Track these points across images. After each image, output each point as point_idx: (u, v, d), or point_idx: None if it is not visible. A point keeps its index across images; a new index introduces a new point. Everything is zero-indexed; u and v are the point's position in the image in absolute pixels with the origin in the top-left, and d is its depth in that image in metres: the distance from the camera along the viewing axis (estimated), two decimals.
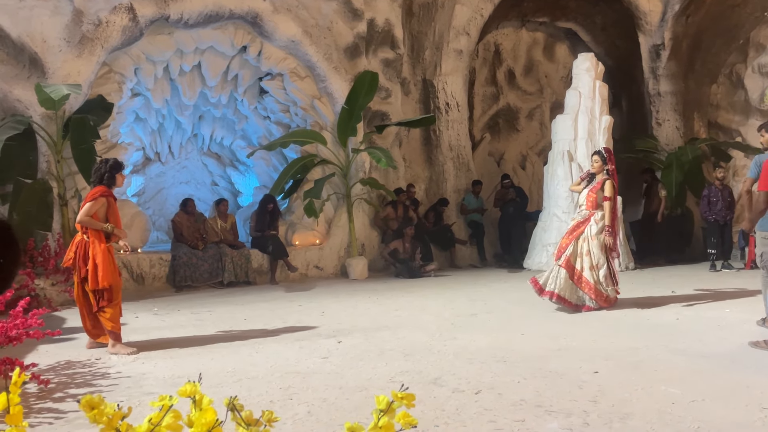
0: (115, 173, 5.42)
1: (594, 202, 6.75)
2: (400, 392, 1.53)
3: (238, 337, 5.58)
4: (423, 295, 8.18)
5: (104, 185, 5.37)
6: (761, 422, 3.11)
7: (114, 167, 5.42)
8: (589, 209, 6.78)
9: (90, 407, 1.36)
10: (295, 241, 10.75)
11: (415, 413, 2.11)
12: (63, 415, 3.47)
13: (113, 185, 5.44)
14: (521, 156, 14.87)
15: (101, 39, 8.65)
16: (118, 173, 5.45)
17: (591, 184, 6.90)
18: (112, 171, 5.40)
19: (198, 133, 12.41)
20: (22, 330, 4.21)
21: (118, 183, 5.49)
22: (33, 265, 7.65)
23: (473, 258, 12.28)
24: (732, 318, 6.05)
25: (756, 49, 13.25)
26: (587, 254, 6.61)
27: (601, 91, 11.21)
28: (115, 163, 5.48)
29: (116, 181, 5.45)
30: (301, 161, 10.85)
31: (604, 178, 6.80)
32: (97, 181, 5.41)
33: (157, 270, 9.17)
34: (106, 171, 5.39)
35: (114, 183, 5.44)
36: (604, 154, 6.94)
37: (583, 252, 6.63)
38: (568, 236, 6.79)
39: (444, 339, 5.28)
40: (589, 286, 6.54)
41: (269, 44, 10.42)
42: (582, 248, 6.65)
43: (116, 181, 5.44)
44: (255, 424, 1.51)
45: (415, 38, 12.76)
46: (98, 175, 5.42)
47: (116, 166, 5.45)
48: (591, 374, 4.05)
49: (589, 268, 6.57)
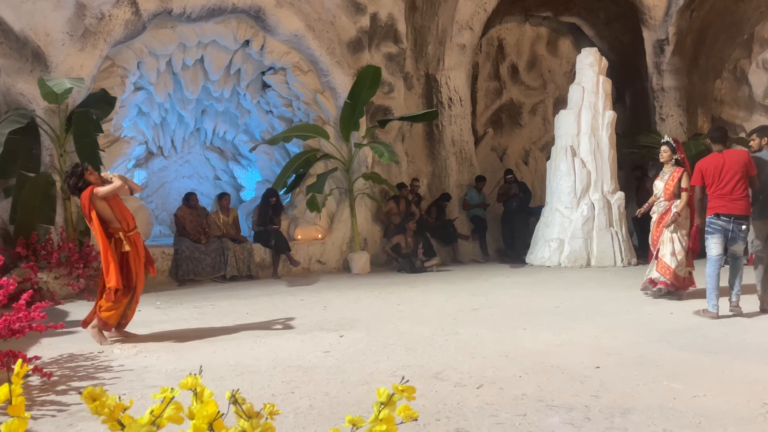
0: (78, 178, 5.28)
1: (671, 193, 7.06)
2: (400, 385, 1.53)
3: (240, 331, 5.59)
4: (425, 289, 8.18)
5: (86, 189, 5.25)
6: (762, 417, 3.11)
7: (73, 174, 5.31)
8: (668, 200, 7.10)
9: (92, 399, 1.37)
10: (297, 236, 10.76)
11: (416, 407, 2.11)
12: (66, 407, 3.48)
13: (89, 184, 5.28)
14: (524, 151, 14.85)
15: (104, 33, 8.64)
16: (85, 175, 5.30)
17: (665, 175, 7.18)
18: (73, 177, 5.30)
19: (201, 128, 12.41)
20: (25, 323, 4.22)
21: (92, 181, 5.32)
22: (36, 258, 7.66)
23: (475, 253, 12.28)
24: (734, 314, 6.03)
25: (760, 45, 13.20)
26: (670, 241, 7.00)
27: (605, 86, 11.18)
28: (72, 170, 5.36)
29: (90, 180, 5.30)
30: (303, 156, 10.85)
31: (680, 169, 7.06)
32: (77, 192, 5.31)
33: (159, 264, 9.19)
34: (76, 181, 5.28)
35: (88, 183, 5.29)
36: (673, 143, 7.20)
37: (666, 239, 7.03)
38: (656, 228, 7.19)
39: (446, 333, 5.29)
40: (669, 271, 6.95)
41: (272, 38, 10.40)
42: (665, 236, 7.05)
43: (88, 181, 5.29)
44: (256, 416, 1.51)
45: (418, 33, 12.73)
46: (72, 188, 5.34)
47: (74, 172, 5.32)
48: (593, 369, 4.05)
49: (670, 254, 6.97)
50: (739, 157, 6.04)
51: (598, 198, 10.70)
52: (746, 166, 5.95)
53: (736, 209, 5.93)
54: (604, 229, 10.56)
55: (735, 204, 5.92)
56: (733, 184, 5.91)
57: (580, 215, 10.63)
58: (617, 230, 10.63)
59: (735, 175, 5.92)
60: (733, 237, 5.97)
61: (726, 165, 5.98)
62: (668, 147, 7.13)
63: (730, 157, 6.04)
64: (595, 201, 10.68)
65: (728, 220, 5.93)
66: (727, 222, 5.94)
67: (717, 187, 5.99)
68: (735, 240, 5.99)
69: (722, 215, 5.95)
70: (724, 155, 6.09)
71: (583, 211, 10.61)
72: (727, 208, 5.93)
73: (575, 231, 10.58)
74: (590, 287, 8.08)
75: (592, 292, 7.60)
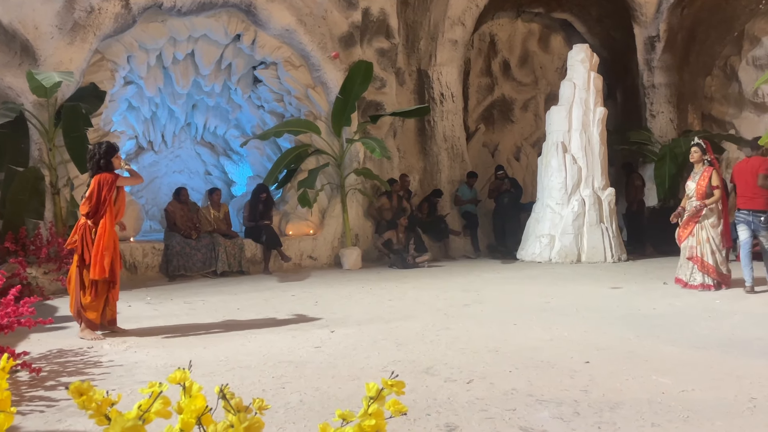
0: (110, 157, 5.30)
1: (703, 192, 7.30)
2: (390, 380, 1.53)
3: (231, 327, 5.57)
4: (416, 285, 8.19)
5: (103, 171, 5.26)
6: (750, 412, 3.14)
7: (108, 151, 5.29)
8: (699, 200, 7.33)
9: (79, 393, 1.36)
10: (288, 231, 10.74)
11: (406, 402, 2.11)
12: (55, 403, 3.46)
13: (111, 169, 5.33)
14: (516, 147, 14.88)
15: (93, 26, 8.57)
16: (114, 156, 5.33)
17: (696, 176, 7.42)
18: (107, 156, 5.29)
19: (191, 122, 12.35)
20: (13, 318, 4.19)
21: (116, 165, 5.37)
22: (25, 253, 7.61)
23: (467, 249, 12.30)
24: (722, 309, 6.09)
25: (750, 42, 13.27)
26: (707, 241, 7.29)
27: (596, 82, 11.21)
28: (109, 146, 5.34)
29: (113, 165, 5.34)
30: (295, 151, 10.81)
31: (710, 169, 7.34)
32: (95, 168, 5.29)
33: (150, 259, 9.16)
34: (101, 157, 5.27)
35: (111, 167, 5.32)
36: (703, 145, 7.48)
37: (703, 239, 7.30)
38: (684, 228, 7.43)
39: (437, 329, 5.30)
40: (711, 269, 7.25)
41: (263, 33, 10.36)
42: (701, 236, 7.32)
43: (113, 164, 5.33)
44: (245, 411, 1.50)
45: (410, 28, 12.71)
46: (94, 162, 5.30)
47: (110, 150, 5.31)
48: (582, 364, 4.07)
49: (710, 253, 7.26)
50: (756, 163, 7.37)
51: (588, 194, 10.74)
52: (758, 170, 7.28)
53: (754, 205, 7.22)
54: (594, 225, 10.61)
55: (753, 201, 7.25)
56: (752, 185, 7.26)
57: (570, 211, 10.67)
58: (608, 226, 10.67)
59: (752, 177, 7.27)
60: (755, 227, 7.21)
61: (747, 169, 7.39)
62: (699, 148, 7.45)
63: (751, 163, 7.43)
64: (585, 197, 10.72)
65: (747, 213, 7.25)
66: (747, 215, 7.25)
67: (740, 187, 7.39)
68: (758, 230, 7.21)
69: (743, 210, 7.32)
70: (749, 161, 7.52)
71: (574, 207, 10.65)
72: (746, 204, 7.28)
73: (566, 227, 10.62)
74: (580, 283, 8.12)
75: (583, 288, 7.64)
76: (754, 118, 13.19)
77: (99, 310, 5.24)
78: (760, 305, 6.27)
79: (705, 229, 7.31)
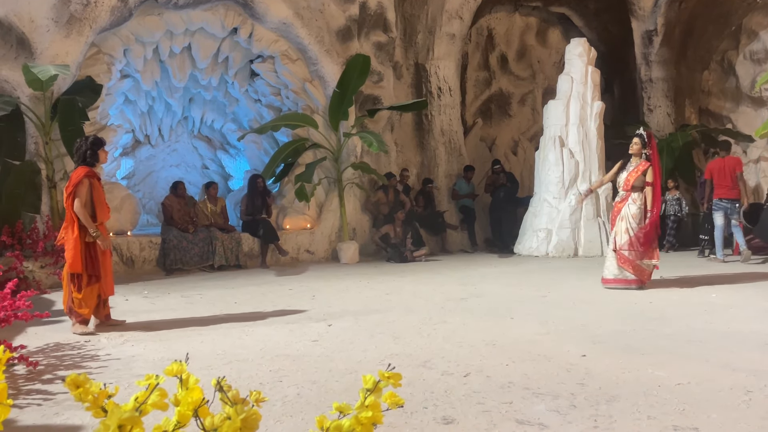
0: (97, 149, 5.28)
1: (631, 184, 6.99)
2: (386, 372, 1.54)
3: (228, 320, 5.57)
4: (413, 279, 8.20)
5: (87, 165, 5.26)
6: (745, 405, 3.15)
7: (95, 143, 5.28)
8: (626, 190, 7.04)
9: (75, 386, 1.36)
10: (286, 225, 10.74)
11: (404, 395, 2.12)
12: (52, 396, 3.46)
13: (96, 162, 5.32)
14: (513, 141, 14.87)
15: (90, 19, 8.53)
16: (100, 149, 5.31)
17: (630, 167, 7.10)
18: (93, 147, 5.27)
19: (188, 116, 12.32)
20: (10, 312, 4.19)
21: (102, 159, 5.36)
22: (21, 247, 7.60)
23: (464, 243, 12.31)
24: (719, 303, 6.11)
25: (748, 36, 13.25)
26: (625, 232, 6.92)
27: (593, 76, 11.20)
28: (96, 139, 5.33)
29: (99, 158, 5.32)
30: (292, 145, 10.80)
31: (646, 163, 6.99)
32: (80, 160, 5.28)
33: (147, 253, 9.15)
34: (87, 148, 5.25)
35: (97, 160, 5.31)
36: (645, 138, 7.12)
37: (622, 230, 6.95)
38: (613, 221, 7.17)
39: (434, 323, 5.30)
40: (629, 262, 6.88)
41: (260, 26, 10.32)
42: (621, 227, 6.96)
43: (99, 157, 5.31)
44: (242, 403, 1.51)
45: (407, 22, 12.68)
46: (80, 154, 5.29)
47: (97, 142, 5.30)
48: (579, 357, 4.08)
49: (628, 245, 6.88)
50: (732, 162, 9.62)
51: (585, 188, 10.73)
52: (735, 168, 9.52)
53: (732, 195, 9.43)
54: (591, 219, 10.62)
55: (731, 192, 9.43)
56: (730, 179, 9.40)
57: (567, 205, 10.68)
58: (604, 220, 10.69)
59: (730, 173, 9.42)
60: (731, 213, 9.47)
61: (725, 166, 9.56)
62: (639, 140, 7.11)
63: (728, 162, 9.64)
64: (582, 191, 10.71)
65: (727, 202, 9.46)
66: (726, 203, 9.47)
67: (719, 181, 9.47)
68: (732, 214, 9.46)
69: (723, 199, 9.49)
70: (725, 160, 9.71)
71: (571, 201, 10.66)
72: (726, 194, 9.44)
73: (563, 221, 10.63)
74: (577, 277, 8.14)
75: (579, 282, 7.66)
76: (752, 113, 13.19)
77: (91, 306, 5.19)
78: (756, 298, 6.30)
79: (625, 220, 6.94)
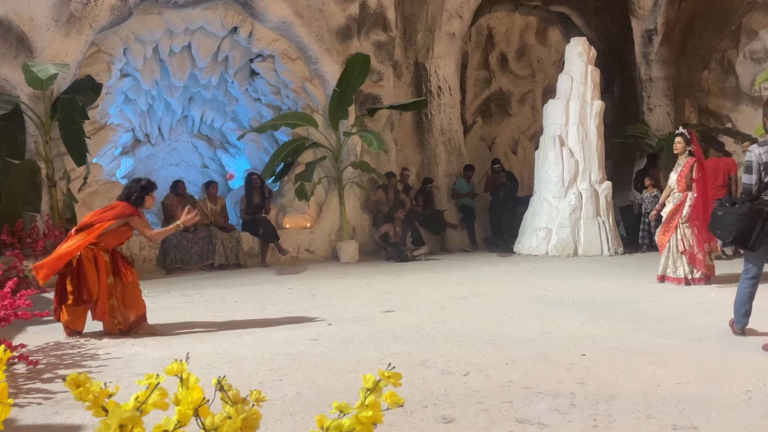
0: (145, 195, 5.10)
1: (684, 184, 7.16)
2: (386, 371, 1.54)
3: (228, 320, 5.58)
4: (413, 278, 8.20)
5: (131, 204, 5.07)
6: (745, 404, 3.16)
7: (145, 188, 5.10)
8: (681, 191, 7.20)
9: (76, 385, 1.36)
10: (286, 224, 10.74)
11: (403, 394, 2.12)
12: (52, 395, 3.47)
13: (141, 206, 5.12)
14: (513, 140, 14.87)
15: (90, 18, 8.53)
16: (149, 195, 5.12)
17: (678, 167, 7.26)
18: (143, 192, 5.09)
19: (188, 115, 12.30)
20: (10, 311, 4.19)
21: (147, 205, 5.16)
22: (21, 246, 7.60)
23: (464, 242, 12.32)
24: (718, 302, 6.11)
25: (748, 35, 13.24)
26: (692, 235, 7.16)
27: (593, 75, 11.20)
28: (147, 184, 5.14)
29: (145, 203, 5.12)
30: (292, 144, 10.79)
31: (692, 160, 7.14)
32: (123, 197, 5.11)
33: (147, 252, 9.15)
34: (136, 191, 5.08)
35: (141, 204, 5.11)
36: (687, 135, 7.29)
37: (688, 233, 7.17)
38: (668, 224, 7.28)
39: (433, 322, 5.31)
40: (699, 261, 7.15)
41: (260, 25, 10.32)
42: (685, 230, 7.18)
43: (145, 203, 5.12)
44: (242, 403, 1.51)
45: (407, 21, 12.67)
46: (126, 193, 5.12)
47: (147, 187, 5.12)
48: (578, 357, 4.08)
49: (697, 245, 7.13)
50: (728, 163, 9.50)
51: (585, 187, 10.75)
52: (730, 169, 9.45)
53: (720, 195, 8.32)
54: (591, 218, 10.63)
55: (719, 192, 8.83)
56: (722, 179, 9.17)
57: (567, 205, 10.68)
58: (604, 220, 10.69)
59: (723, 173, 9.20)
60: None
61: (720, 166, 9.35)
62: (682, 138, 7.27)
63: (724, 162, 9.49)
64: (582, 190, 10.73)
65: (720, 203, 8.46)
66: None
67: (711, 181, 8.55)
68: None
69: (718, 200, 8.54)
70: (720, 160, 9.53)
71: (571, 200, 10.66)
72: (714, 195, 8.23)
73: (563, 220, 10.63)
74: (577, 276, 8.14)
75: (579, 281, 7.66)
76: (751, 112, 13.18)
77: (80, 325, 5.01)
78: (756, 299, 6.29)
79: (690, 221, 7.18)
